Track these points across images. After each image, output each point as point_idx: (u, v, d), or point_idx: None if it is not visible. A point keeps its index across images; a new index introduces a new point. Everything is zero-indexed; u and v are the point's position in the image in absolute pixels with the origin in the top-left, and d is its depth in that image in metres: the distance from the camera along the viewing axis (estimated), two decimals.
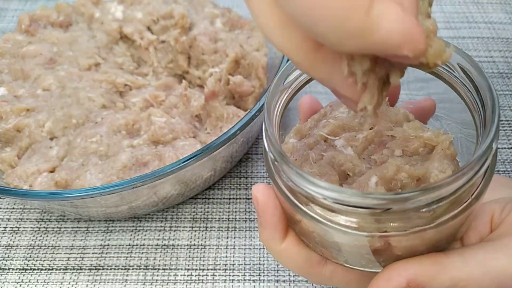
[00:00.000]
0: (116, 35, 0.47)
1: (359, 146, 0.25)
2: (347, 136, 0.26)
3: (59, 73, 0.44)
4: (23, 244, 0.40)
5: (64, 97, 0.42)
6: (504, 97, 0.50)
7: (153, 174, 0.33)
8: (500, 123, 0.49)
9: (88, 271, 0.38)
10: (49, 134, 0.40)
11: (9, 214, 0.42)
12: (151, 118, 0.40)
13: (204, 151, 0.33)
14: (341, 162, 0.24)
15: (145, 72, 0.47)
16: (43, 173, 0.38)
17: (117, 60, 0.47)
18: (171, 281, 0.38)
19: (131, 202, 0.36)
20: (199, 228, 0.41)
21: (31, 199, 0.34)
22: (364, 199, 0.19)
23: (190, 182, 0.38)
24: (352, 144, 0.25)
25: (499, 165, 0.45)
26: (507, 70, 0.53)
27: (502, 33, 0.57)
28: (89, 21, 0.49)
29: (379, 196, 0.20)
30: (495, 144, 0.21)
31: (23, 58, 0.46)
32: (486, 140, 0.21)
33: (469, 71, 0.24)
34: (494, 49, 0.55)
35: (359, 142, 0.25)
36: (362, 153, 0.26)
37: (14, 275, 0.38)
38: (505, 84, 0.52)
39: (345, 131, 0.26)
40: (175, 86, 0.45)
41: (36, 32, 0.48)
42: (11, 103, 0.41)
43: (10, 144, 0.41)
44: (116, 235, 0.40)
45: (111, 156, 0.38)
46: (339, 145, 0.25)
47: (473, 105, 0.25)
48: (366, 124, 0.26)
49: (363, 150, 0.26)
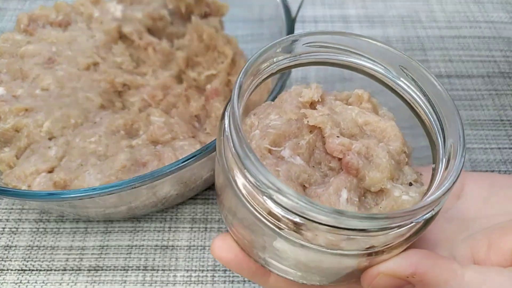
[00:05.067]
0: (115, 35, 0.47)
1: (305, 154, 0.24)
2: (291, 144, 0.24)
3: (58, 73, 0.44)
4: (22, 244, 0.40)
5: (62, 97, 0.42)
6: (505, 97, 0.50)
7: (152, 175, 0.32)
8: (501, 122, 0.49)
9: (87, 272, 0.38)
10: (48, 134, 0.40)
11: (8, 214, 0.42)
12: (150, 118, 0.40)
13: (204, 151, 0.33)
14: (297, 175, 0.23)
15: (144, 71, 0.47)
16: (41, 173, 0.38)
17: (116, 59, 0.47)
18: (171, 282, 0.37)
19: (130, 202, 0.36)
20: (199, 229, 0.40)
21: (30, 200, 0.34)
22: (371, 222, 0.19)
23: (190, 183, 0.38)
24: (299, 152, 0.24)
25: (500, 165, 0.44)
26: (508, 70, 0.53)
27: (503, 32, 0.57)
28: (88, 20, 0.49)
29: (379, 216, 0.19)
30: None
31: (22, 57, 0.45)
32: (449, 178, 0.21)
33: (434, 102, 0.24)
34: (495, 49, 0.55)
35: (304, 149, 0.24)
36: (310, 160, 0.24)
37: (13, 276, 0.38)
38: (506, 84, 0.51)
39: (287, 139, 0.24)
40: (174, 86, 0.45)
41: (35, 32, 0.48)
42: (10, 103, 0.41)
43: (9, 144, 0.40)
44: (115, 236, 0.40)
45: (110, 156, 0.38)
46: (286, 155, 0.23)
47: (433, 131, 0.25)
48: (304, 128, 0.24)
49: (310, 157, 0.24)
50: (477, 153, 0.46)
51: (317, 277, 0.24)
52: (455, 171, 0.21)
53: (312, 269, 0.23)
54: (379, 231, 0.19)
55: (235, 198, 0.22)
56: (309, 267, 0.23)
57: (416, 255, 0.22)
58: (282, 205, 0.20)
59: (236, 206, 0.23)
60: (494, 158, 0.45)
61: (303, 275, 0.25)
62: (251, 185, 0.21)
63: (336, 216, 0.18)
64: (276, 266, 0.25)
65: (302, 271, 0.24)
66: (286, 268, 0.24)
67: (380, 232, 0.20)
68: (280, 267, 0.25)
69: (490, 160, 0.45)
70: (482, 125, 0.48)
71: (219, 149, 0.24)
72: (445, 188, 0.20)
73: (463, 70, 0.53)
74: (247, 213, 0.22)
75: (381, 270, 0.22)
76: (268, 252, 0.24)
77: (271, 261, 0.25)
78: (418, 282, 0.22)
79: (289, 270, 0.25)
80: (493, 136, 0.47)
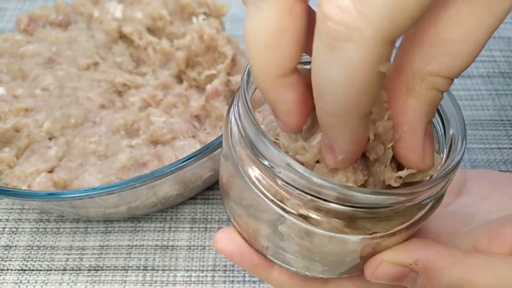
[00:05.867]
0: (115, 35, 0.47)
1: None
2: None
3: (58, 73, 0.44)
4: (22, 244, 0.40)
5: (63, 97, 0.42)
6: (505, 97, 0.50)
7: (152, 175, 0.32)
8: (501, 122, 0.49)
9: (87, 272, 0.38)
10: (48, 134, 0.40)
11: (8, 214, 0.42)
12: (150, 118, 0.40)
13: (204, 151, 0.33)
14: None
15: (144, 71, 0.47)
16: (41, 173, 0.38)
17: (116, 59, 0.47)
18: (171, 282, 0.37)
19: (130, 202, 0.36)
20: (199, 229, 0.40)
21: (30, 200, 0.34)
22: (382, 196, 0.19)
23: (190, 183, 0.38)
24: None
25: (500, 165, 0.45)
26: (508, 70, 0.53)
27: (503, 32, 0.57)
28: (88, 20, 0.49)
29: (386, 192, 0.19)
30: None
31: (22, 57, 0.45)
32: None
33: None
34: (495, 49, 0.55)
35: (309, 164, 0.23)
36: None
37: (13, 276, 0.38)
38: (506, 84, 0.51)
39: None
40: (174, 86, 0.45)
41: (35, 32, 0.48)
42: (10, 103, 0.41)
43: (9, 144, 0.41)
44: (115, 236, 0.40)
45: (110, 156, 0.38)
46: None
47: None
48: (310, 148, 0.22)
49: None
50: (477, 153, 0.46)
51: (320, 266, 0.24)
52: (459, 153, 0.21)
53: (316, 256, 0.23)
54: (385, 208, 0.19)
55: (242, 184, 0.22)
56: (312, 254, 0.23)
57: (419, 243, 0.22)
58: (293, 186, 0.19)
59: (242, 193, 0.23)
60: (494, 158, 0.45)
61: (306, 264, 0.24)
62: (262, 167, 0.20)
63: (346, 190, 0.18)
64: (279, 255, 0.25)
65: (306, 259, 0.24)
66: (290, 256, 0.24)
67: (387, 209, 0.19)
68: (283, 255, 0.24)
69: (490, 160, 0.45)
70: (482, 125, 0.48)
71: (226, 138, 0.24)
72: (452, 165, 0.20)
73: None
74: (254, 198, 0.22)
75: (384, 258, 0.22)
76: (272, 239, 0.24)
77: (275, 250, 0.24)
78: (421, 269, 0.22)
79: (292, 259, 0.24)
80: (493, 136, 0.47)
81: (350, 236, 0.21)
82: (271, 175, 0.20)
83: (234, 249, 0.26)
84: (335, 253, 0.22)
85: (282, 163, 0.19)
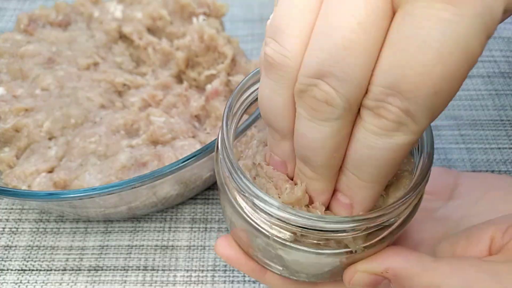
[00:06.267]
0: (115, 35, 0.47)
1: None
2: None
3: (58, 73, 0.44)
4: (22, 244, 0.40)
5: (63, 97, 0.42)
6: (505, 97, 0.50)
7: (152, 175, 0.32)
8: (501, 122, 0.49)
9: (87, 272, 0.38)
10: (48, 134, 0.40)
11: (8, 214, 0.42)
12: (150, 118, 0.40)
13: (204, 151, 0.33)
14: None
15: (144, 71, 0.46)
16: (41, 173, 0.38)
17: (116, 59, 0.47)
18: (171, 282, 0.37)
19: (130, 202, 0.36)
20: (199, 229, 0.40)
21: (30, 200, 0.34)
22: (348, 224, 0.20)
23: (190, 183, 0.38)
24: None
25: (500, 165, 0.44)
26: (508, 70, 0.53)
27: (503, 32, 0.57)
28: (88, 20, 0.49)
29: (358, 219, 0.20)
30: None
31: (22, 57, 0.45)
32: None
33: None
34: (495, 49, 0.55)
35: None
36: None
37: (13, 276, 0.38)
38: (506, 84, 0.51)
39: None
40: (174, 86, 0.45)
41: (35, 32, 0.48)
42: (10, 103, 0.41)
43: (9, 144, 0.41)
44: (115, 236, 0.40)
45: (110, 156, 0.38)
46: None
47: None
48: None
49: None
50: (477, 153, 0.46)
51: (304, 274, 0.26)
52: (419, 178, 0.22)
53: (296, 267, 0.25)
54: (354, 231, 0.21)
55: (227, 202, 0.24)
56: (294, 265, 0.25)
57: (390, 252, 0.23)
58: (264, 211, 0.21)
59: (228, 210, 0.25)
60: (494, 158, 0.45)
61: (291, 272, 0.26)
62: (240, 193, 0.23)
63: (319, 220, 0.20)
64: (268, 264, 0.27)
65: (289, 269, 0.26)
66: (276, 266, 0.26)
67: (357, 232, 0.21)
68: (271, 265, 0.26)
69: (490, 160, 0.45)
70: (482, 125, 0.48)
71: (216, 160, 0.25)
72: (409, 192, 0.21)
73: None
74: (235, 214, 0.24)
75: (358, 268, 0.23)
76: (258, 251, 0.26)
77: (263, 259, 0.26)
78: (392, 277, 0.23)
79: (278, 269, 0.26)
80: (493, 136, 0.47)
81: (325, 251, 0.22)
82: (248, 201, 0.22)
83: (232, 254, 0.28)
84: (313, 265, 0.24)
85: (252, 196, 0.21)
